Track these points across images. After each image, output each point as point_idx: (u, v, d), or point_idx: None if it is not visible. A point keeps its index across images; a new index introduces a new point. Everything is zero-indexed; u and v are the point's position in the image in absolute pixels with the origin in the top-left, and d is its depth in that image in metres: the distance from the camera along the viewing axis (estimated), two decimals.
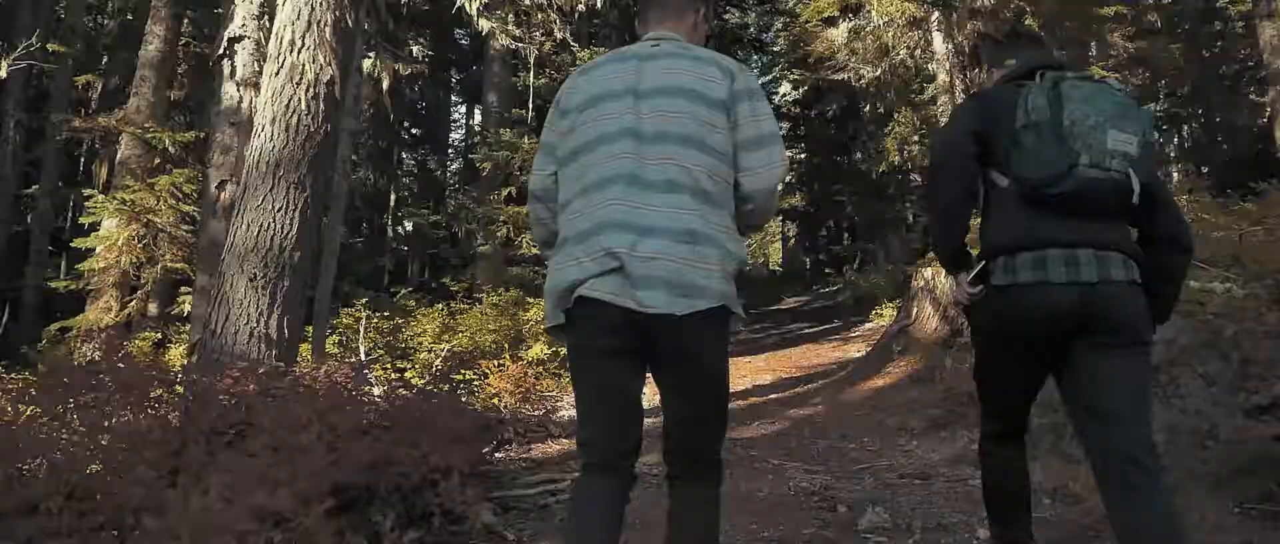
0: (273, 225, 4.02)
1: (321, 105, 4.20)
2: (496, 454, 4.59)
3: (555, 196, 1.84)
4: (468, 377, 5.94)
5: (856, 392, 6.28)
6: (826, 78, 11.65)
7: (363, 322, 6.42)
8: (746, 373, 7.83)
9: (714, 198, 1.71)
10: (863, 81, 12.08)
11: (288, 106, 4.14)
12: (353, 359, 5.90)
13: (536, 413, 5.70)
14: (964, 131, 1.99)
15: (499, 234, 12.95)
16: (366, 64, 7.27)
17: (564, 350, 2.69)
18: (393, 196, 24.07)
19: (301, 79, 4.16)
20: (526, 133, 9.92)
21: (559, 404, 5.97)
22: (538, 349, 6.97)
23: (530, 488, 3.83)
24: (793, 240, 28.31)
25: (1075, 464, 3.48)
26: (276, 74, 4.16)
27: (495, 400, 5.67)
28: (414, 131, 24.86)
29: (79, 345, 8.09)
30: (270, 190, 4.05)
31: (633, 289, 1.61)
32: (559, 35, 8.90)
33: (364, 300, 7.90)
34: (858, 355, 8.52)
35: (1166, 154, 20.95)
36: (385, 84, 7.65)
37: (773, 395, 6.44)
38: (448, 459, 3.07)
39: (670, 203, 1.66)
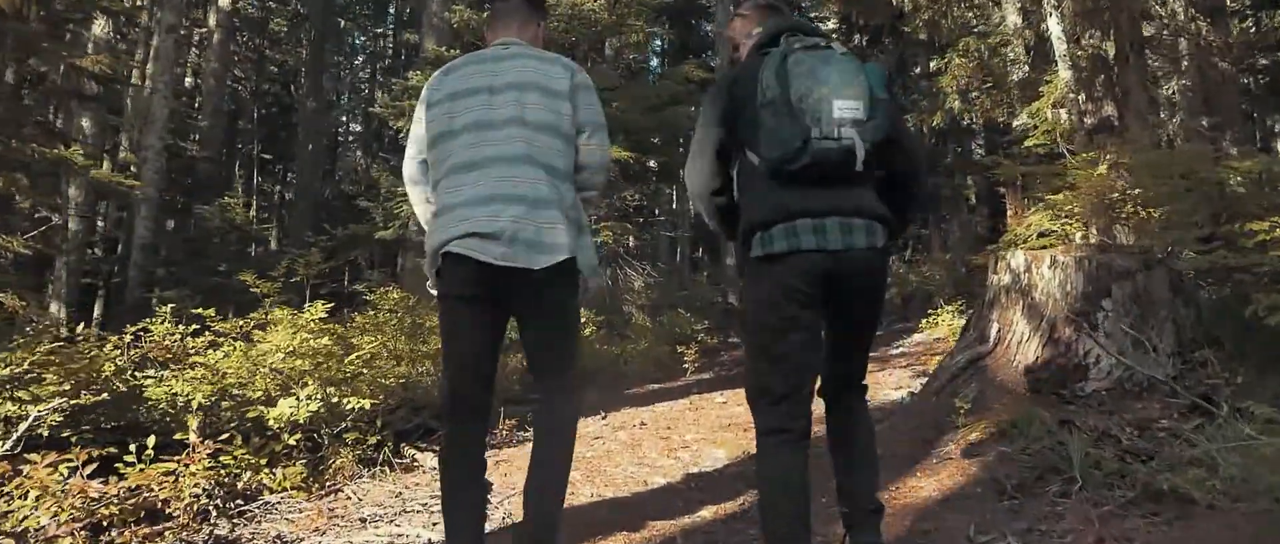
0: None
1: None
2: None
3: (425, 180, 2.31)
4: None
5: None
6: None
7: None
8: (667, 450, 4.44)
9: (560, 172, 2.21)
10: None
11: None
12: None
13: None
14: (713, 121, 2.15)
15: (400, 212, 9.94)
16: None
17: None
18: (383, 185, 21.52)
19: None
20: None
21: None
22: (284, 407, 3.79)
23: None
24: None
25: None
26: None
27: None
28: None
29: None
30: None
31: (497, 247, 2.06)
32: None
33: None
34: (894, 398, 5.06)
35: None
36: None
37: None
38: None
39: (523, 175, 2.14)
